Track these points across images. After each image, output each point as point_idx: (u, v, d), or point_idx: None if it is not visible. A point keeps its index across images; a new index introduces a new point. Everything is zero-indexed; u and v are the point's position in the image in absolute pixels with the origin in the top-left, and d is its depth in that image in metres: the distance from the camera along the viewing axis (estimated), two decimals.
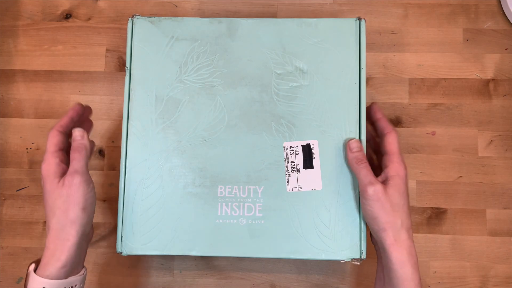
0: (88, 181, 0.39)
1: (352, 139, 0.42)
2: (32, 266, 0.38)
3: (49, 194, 0.38)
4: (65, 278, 0.38)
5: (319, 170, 0.43)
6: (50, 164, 0.39)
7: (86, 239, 0.41)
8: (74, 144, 0.40)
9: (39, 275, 0.37)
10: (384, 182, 0.40)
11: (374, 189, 0.39)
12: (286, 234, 0.42)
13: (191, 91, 0.44)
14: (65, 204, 0.38)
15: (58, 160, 0.39)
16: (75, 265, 0.39)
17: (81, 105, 0.43)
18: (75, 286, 0.39)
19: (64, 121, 0.41)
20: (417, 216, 0.53)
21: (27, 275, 0.38)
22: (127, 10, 0.56)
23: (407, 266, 0.38)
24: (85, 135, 0.41)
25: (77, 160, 0.39)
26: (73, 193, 0.38)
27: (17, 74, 0.56)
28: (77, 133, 0.40)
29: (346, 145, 0.42)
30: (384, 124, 0.43)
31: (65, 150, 0.41)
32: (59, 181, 0.38)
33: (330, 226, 0.42)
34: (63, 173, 0.39)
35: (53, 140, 0.39)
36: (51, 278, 0.37)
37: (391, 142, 0.42)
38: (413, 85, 0.54)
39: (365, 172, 0.40)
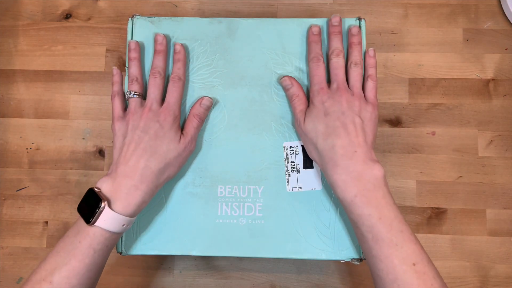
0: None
1: (282, 77, 0.43)
2: (105, 203, 0.36)
3: (168, 141, 0.40)
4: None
5: (319, 170, 0.43)
6: (178, 118, 0.42)
7: None
8: (200, 110, 0.43)
9: (120, 213, 0.37)
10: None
11: (296, 121, 0.42)
12: (286, 234, 0.42)
13: (191, 91, 0.44)
14: (174, 161, 0.40)
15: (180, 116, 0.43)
16: None
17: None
18: (134, 221, 0.40)
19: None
20: (417, 216, 0.53)
21: (98, 212, 0.36)
22: (127, 10, 0.56)
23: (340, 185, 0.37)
24: (210, 106, 0.44)
25: (197, 128, 0.43)
26: (184, 156, 0.41)
27: (17, 74, 0.56)
28: (207, 102, 0.43)
29: (280, 83, 0.44)
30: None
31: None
32: (180, 135, 0.41)
33: (330, 226, 0.42)
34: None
35: (179, 96, 0.42)
36: (132, 216, 0.38)
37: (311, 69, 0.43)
38: (413, 85, 0.54)
39: (293, 104, 0.42)
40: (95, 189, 0.37)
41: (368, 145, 0.38)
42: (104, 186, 0.38)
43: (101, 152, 0.54)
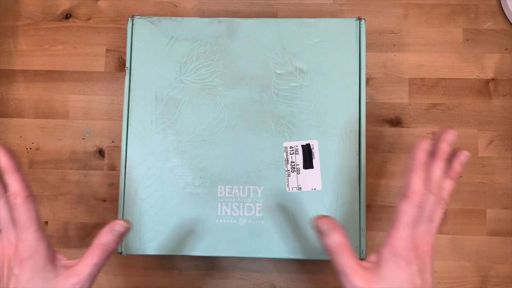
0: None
1: (318, 217, 0.31)
2: None
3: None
4: None
5: (319, 170, 0.43)
6: (40, 248, 0.31)
7: None
8: (109, 237, 0.32)
9: None
10: (377, 264, 0.30)
11: (353, 284, 0.29)
12: (286, 234, 0.42)
13: (191, 91, 0.44)
14: None
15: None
16: None
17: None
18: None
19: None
20: None
21: None
22: (127, 10, 0.56)
23: None
24: (124, 232, 0.33)
25: (96, 264, 0.31)
26: None
27: (17, 74, 0.56)
28: (119, 227, 0.32)
29: (314, 226, 0.32)
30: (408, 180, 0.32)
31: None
32: (59, 272, 0.31)
33: None
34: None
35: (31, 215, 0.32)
36: None
37: (400, 208, 0.31)
38: (413, 85, 0.54)
39: (343, 257, 0.29)
40: None
41: None
42: None
43: (101, 152, 0.54)
